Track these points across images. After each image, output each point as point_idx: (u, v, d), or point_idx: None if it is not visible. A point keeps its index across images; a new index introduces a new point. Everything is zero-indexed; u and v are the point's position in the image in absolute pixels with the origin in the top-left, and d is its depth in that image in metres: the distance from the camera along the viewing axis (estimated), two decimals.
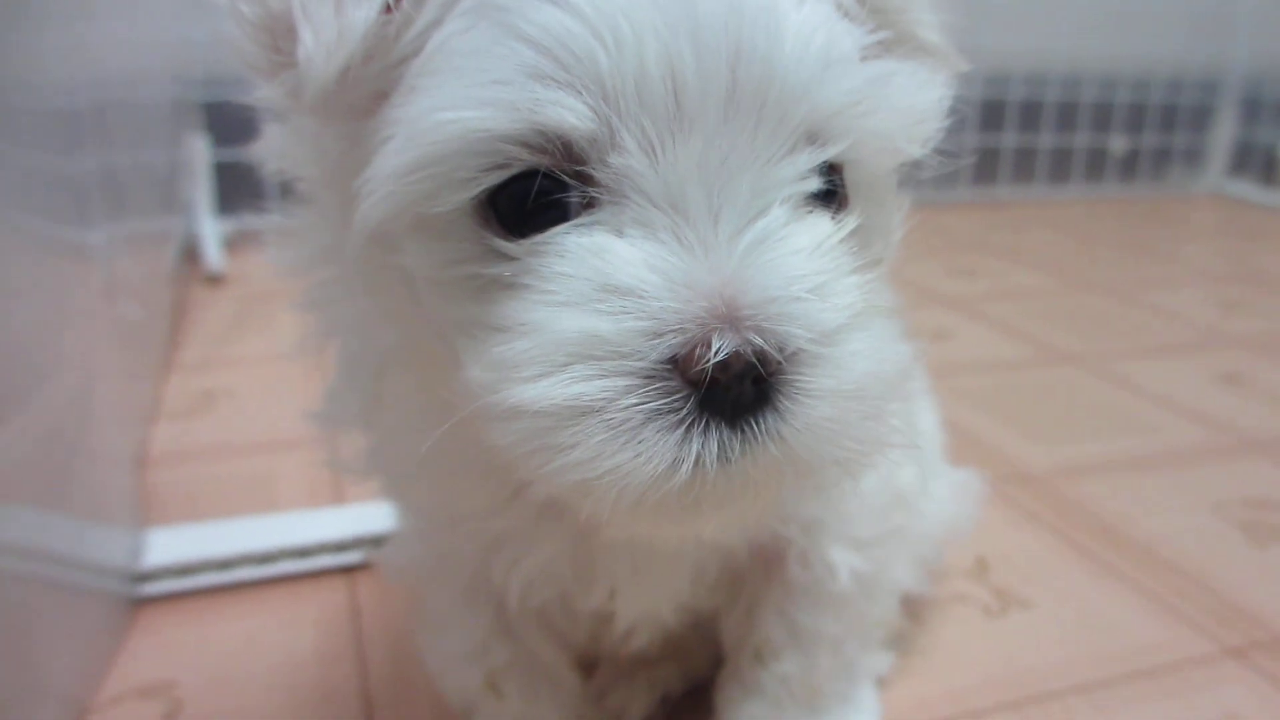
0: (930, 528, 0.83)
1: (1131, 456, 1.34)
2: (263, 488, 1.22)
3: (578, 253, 0.44)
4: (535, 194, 0.45)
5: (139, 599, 0.98)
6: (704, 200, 0.43)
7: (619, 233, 0.44)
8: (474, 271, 0.46)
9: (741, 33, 0.43)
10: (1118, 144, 3.25)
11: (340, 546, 1.04)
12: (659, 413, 0.42)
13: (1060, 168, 3.22)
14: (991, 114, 3.03)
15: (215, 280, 2.08)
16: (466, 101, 0.43)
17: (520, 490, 0.61)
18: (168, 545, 1.03)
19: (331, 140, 0.51)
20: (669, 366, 0.42)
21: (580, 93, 0.42)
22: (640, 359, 0.42)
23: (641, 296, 0.42)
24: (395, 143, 0.45)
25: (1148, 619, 0.97)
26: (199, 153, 2.18)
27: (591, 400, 0.42)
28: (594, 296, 0.43)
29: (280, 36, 0.46)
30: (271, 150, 0.56)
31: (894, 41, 0.52)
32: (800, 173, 0.46)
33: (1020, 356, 1.75)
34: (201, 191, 2.17)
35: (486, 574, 0.68)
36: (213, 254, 2.10)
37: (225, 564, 1.01)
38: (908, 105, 0.50)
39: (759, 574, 0.72)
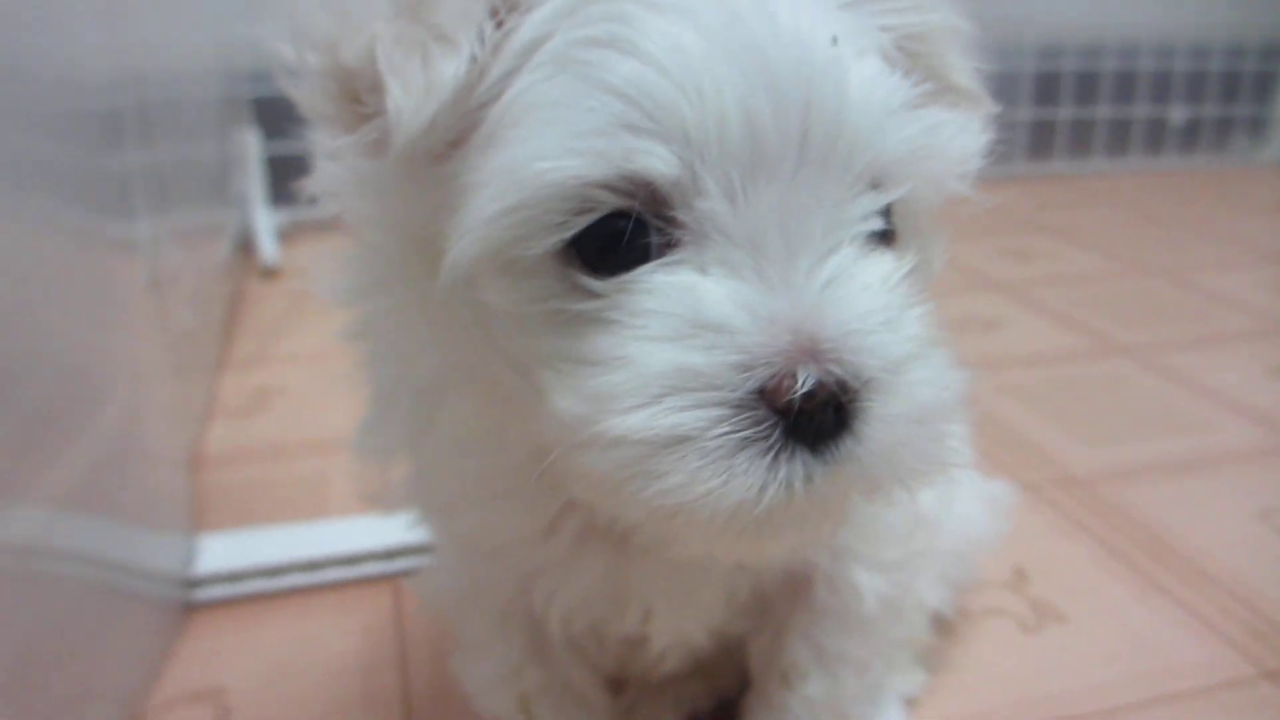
0: (957, 545, 0.83)
1: (1179, 458, 1.32)
2: (314, 489, 1.25)
3: (667, 290, 0.47)
4: (620, 235, 0.47)
5: (191, 604, 1.02)
6: (781, 240, 0.47)
7: (703, 271, 0.47)
8: (559, 307, 0.49)
9: (812, 85, 0.46)
10: (1177, 114, 3.16)
11: (387, 554, 1.07)
12: (749, 440, 0.45)
13: (1118, 140, 3.14)
14: (1046, 86, 2.97)
15: (270, 273, 2.12)
16: (562, 151, 0.45)
17: (559, 519, 0.63)
18: (219, 551, 1.07)
19: (395, 183, 0.53)
20: (757, 397, 0.45)
21: (667, 142, 0.45)
22: (732, 390, 0.45)
23: (731, 332, 0.45)
24: (490, 189, 0.47)
25: (1185, 637, 0.96)
26: (250, 146, 2.22)
27: (687, 430, 0.45)
28: (685, 332, 0.46)
29: (358, 89, 0.48)
30: (323, 188, 0.58)
31: (936, 92, 0.54)
32: (865, 214, 0.49)
33: (1071, 348, 1.72)
34: (254, 184, 2.21)
35: (522, 601, 0.70)
36: (267, 246, 2.14)
37: (275, 571, 1.05)
38: (957, 150, 0.53)
39: (786, 598, 0.73)
